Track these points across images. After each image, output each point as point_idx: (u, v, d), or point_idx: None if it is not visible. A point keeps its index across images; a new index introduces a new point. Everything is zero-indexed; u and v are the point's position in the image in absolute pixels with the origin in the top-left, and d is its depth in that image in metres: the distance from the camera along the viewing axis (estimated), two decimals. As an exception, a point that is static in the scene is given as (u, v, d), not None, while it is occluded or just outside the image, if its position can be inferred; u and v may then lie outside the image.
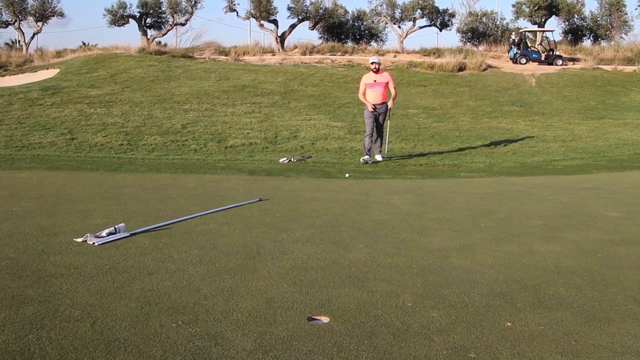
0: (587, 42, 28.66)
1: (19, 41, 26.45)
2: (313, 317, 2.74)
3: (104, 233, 4.00)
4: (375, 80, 9.46)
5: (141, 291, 3.00)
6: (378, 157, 9.70)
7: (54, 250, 3.69)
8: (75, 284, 3.09)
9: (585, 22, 28.85)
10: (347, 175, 8.14)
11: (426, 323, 2.70)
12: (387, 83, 9.48)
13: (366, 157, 9.54)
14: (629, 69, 22.17)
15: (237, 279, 3.24)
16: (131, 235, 4.11)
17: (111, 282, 3.13)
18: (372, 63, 9.53)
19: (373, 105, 9.38)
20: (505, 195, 6.66)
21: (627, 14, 28.05)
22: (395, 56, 23.89)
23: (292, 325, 2.63)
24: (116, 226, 4.11)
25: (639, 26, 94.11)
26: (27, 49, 24.97)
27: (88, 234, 3.97)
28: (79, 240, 3.93)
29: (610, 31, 28.31)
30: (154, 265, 3.46)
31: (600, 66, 22.34)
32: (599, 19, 28.49)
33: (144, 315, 2.68)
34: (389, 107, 9.56)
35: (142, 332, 2.51)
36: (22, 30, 25.52)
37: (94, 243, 3.85)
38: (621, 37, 28.07)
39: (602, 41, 28.38)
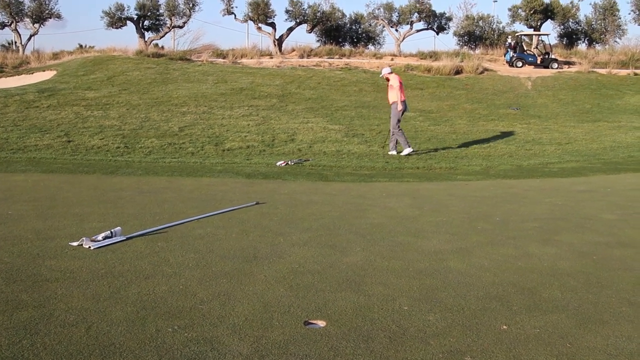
0: (582, 46, 28.86)
1: (16, 43, 26.40)
2: (309, 321, 2.74)
3: (100, 237, 3.99)
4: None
5: (137, 295, 3.00)
6: (406, 151, 10.77)
7: (49, 254, 3.68)
8: (71, 288, 3.08)
9: (580, 26, 29.02)
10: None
11: (422, 326, 2.70)
12: (392, 85, 10.88)
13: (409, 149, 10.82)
14: (623, 72, 22.29)
15: (233, 283, 3.24)
16: (127, 239, 4.10)
17: (107, 287, 3.12)
18: (380, 77, 11.31)
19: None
20: (502, 198, 6.68)
21: (620, 18, 28.26)
22: (392, 59, 23.95)
23: (288, 330, 2.63)
24: (112, 230, 4.10)
25: (633, 30, 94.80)
26: (23, 50, 24.91)
27: (84, 238, 3.96)
28: (75, 244, 3.92)
29: (605, 35, 28.46)
30: (150, 269, 3.45)
31: (595, 69, 22.45)
32: (593, 23, 28.66)
33: (139, 320, 2.68)
34: (393, 107, 10.84)
35: (137, 337, 2.50)
36: (18, 32, 25.48)
37: (89, 247, 3.84)
38: (615, 41, 28.27)
39: (597, 45, 28.54)
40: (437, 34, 28.34)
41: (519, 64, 23.10)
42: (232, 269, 3.49)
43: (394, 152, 10.81)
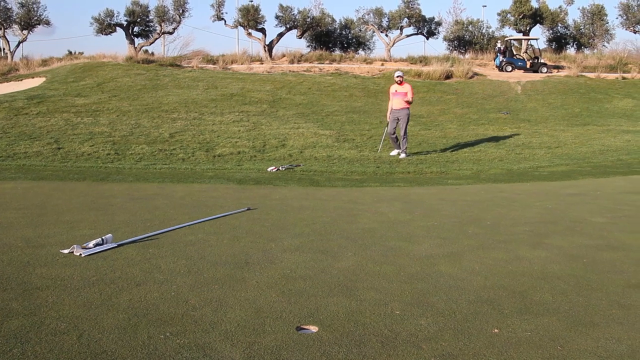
0: (570, 50, 29.17)
1: (4, 49, 26.20)
2: (302, 326, 2.75)
3: (90, 244, 3.97)
4: (396, 90, 11.32)
5: (129, 302, 2.98)
6: (402, 156, 11.13)
7: (39, 262, 3.66)
8: (62, 296, 3.06)
9: (569, 30, 29.35)
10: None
11: (414, 331, 2.71)
12: (406, 93, 11.20)
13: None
14: (611, 76, 22.57)
15: (225, 289, 3.23)
16: (118, 246, 4.08)
17: (98, 294, 3.10)
18: (397, 76, 11.28)
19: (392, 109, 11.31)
20: (492, 202, 6.72)
21: (608, 23, 28.63)
22: (382, 64, 24.06)
23: (280, 335, 2.63)
24: (103, 237, 4.08)
25: (621, 35, 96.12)
26: (12, 57, 24.74)
27: (74, 245, 3.93)
28: (65, 251, 3.90)
29: (593, 39, 28.81)
30: (141, 276, 3.44)
31: (583, 74, 22.72)
32: (581, 27, 29.00)
33: (131, 327, 2.66)
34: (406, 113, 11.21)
35: (129, 344, 2.49)
36: (7, 39, 25.30)
37: (80, 254, 3.82)
38: (604, 45, 28.63)
39: (585, 49, 28.88)
40: (427, 38, 28.51)
41: (509, 68, 23.32)
42: (223, 275, 3.48)
43: (404, 155, 11.10)
